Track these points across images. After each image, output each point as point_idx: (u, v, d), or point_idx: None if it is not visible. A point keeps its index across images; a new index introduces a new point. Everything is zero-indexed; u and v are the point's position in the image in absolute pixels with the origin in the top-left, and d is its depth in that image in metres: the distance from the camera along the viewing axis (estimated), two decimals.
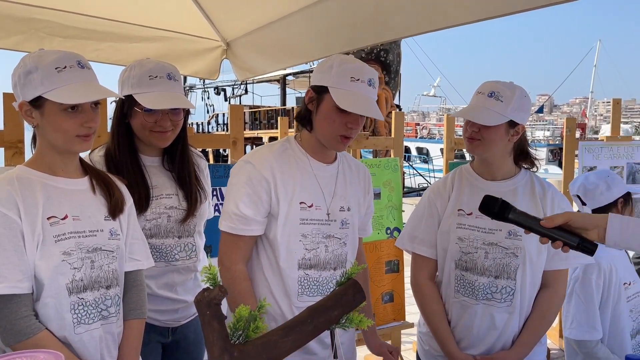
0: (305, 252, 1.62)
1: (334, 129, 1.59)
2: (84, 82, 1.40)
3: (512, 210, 1.45)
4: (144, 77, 1.76)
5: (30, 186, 1.40)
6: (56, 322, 1.39)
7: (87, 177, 1.52)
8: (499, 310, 1.73)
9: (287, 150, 1.67)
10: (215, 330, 0.85)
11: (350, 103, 1.52)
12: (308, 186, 1.64)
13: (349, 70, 1.55)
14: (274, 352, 0.89)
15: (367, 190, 1.83)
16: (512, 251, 1.71)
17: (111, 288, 1.49)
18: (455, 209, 1.80)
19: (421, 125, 39.08)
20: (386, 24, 2.38)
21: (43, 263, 1.36)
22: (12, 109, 2.22)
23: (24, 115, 1.43)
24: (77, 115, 1.40)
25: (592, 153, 4.10)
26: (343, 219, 1.69)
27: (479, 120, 1.68)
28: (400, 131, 3.68)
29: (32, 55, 1.41)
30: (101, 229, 1.48)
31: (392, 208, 3.53)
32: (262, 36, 3.20)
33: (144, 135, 1.80)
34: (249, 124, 23.46)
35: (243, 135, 2.93)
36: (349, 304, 0.99)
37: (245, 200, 1.59)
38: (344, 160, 1.77)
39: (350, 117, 1.57)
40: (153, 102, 1.73)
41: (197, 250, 1.94)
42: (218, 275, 0.90)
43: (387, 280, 3.52)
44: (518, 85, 1.74)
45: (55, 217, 1.40)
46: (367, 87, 1.57)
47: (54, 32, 2.97)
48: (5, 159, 2.23)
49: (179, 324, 1.93)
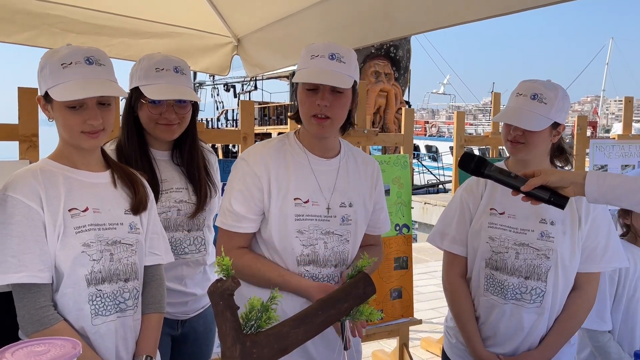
0: (302, 248, 1.60)
1: (306, 110, 1.57)
2: (85, 79, 1.38)
3: (488, 166, 1.54)
4: (150, 69, 1.79)
5: (52, 178, 1.42)
6: (74, 312, 1.41)
7: (108, 171, 1.54)
8: (528, 311, 1.72)
9: (284, 146, 1.66)
10: (228, 321, 0.87)
11: (310, 76, 1.52)
12: (304, 181, 1.62)
13: (309, 50, 1.56)
14: (285, 343, 0.91)
15: (375, 185, 1.77)
16: (543, 253, 1.70)
17: (129, 281, 1.50)
18: (488, 208, 1.79)
19: (430, 123, 38.93)
20: (395, 20, 2.38)
21: (63, 254, 1.38)
22: (26, 103, 2.26)
23: (43, 109, 1.46)
24: (80, 113, 1.40)
25: (604, 151, 4.08)
26: (344, 215, 1.65)
27: (526, 125, 1.65)
28: (410, 128, 3.67)
29: (50, 51, 1.44)
30: (121, 222, 1.50)
31: (402, 205, 3.53)
32: (272, 32, 3.21)
33: (150, 127, 1.82)
34: (258, 120, 23.50)
35: (254, 131, 2.94)
36: (359, 296, 1.00)
37: (238, 197, 1.59)
38: (349, 155, 1.73)
39: (318, 95, 1.54)
40: (156, 93, 1.75)
41: (206, 244, 1.96)
42: (231, 266, 0.91)
43: (396, 277, 3.52)
44: (558, 84, 1.71)
45: (76, 209, 1.42)
46: (327, 61, 1.54)
47: (67, 28, 3.00)
48: (20, 153, 2.26)
49: (188, 316, 1.95)
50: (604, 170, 4.04)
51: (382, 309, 3.47)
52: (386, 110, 15.13)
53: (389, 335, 3.65)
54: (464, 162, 1.58)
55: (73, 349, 0.78)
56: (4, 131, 2.26)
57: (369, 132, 3.44)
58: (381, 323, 3.47)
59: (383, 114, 15.23)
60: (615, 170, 4.07)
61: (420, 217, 13.46)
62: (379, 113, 15.19)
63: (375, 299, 3.33)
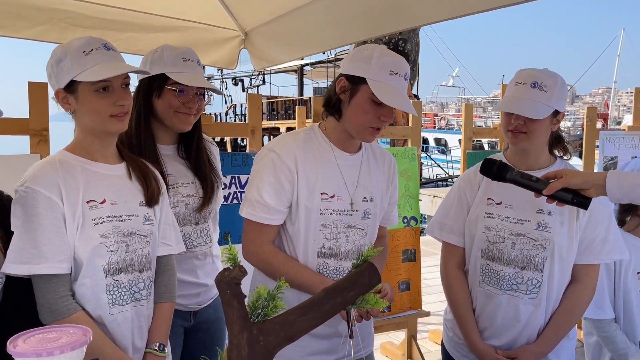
0: (325, 241, 1.62)
1: (367, 121, 1.57)
2: (111, 61, 1.44)
3: (510, 170, 1.57)
4: (178, 58, 1.80)
5: (71, 170, 1.45)
6: (93, 302, 1.44)
7: (124, 164, 1.57)
8: (524, 302, 1.70)
9: (311, 139, 1.66)
10: (235, 309, 0.89)
11: (390, 97, 1.51)
12: (330, 176, 1.63)
13: (389, 64, 1.53)
14: (291, 330, 0.92)
15: (392, 179, 1.80)
16: (540, 243, 1.68)
17: (144, 271, 1.53)
18: (485, 197, 1.78)
19: (439, 116, 38.76)
20: (403, 12, 2.37)
21: (82, 245, 1.41)
22: (37, 98, 2.28)
23: (61, 103, 1.47)
24: (109, 95, 1.44)
25: (613, 143, 4.04)
26: (365, 210, 1.68)
27: (528, 113, 1.63)
28: (418, 120, 3.67)
29: (61, 46, 1.47)
30: (136, 214, 1.52)
31: (409, 197, 3.53)
32: (280, 26, 3.21)
33: (168, 116, 1.82)
34: (267, 115, 23.55)
35: (261, 125, 2.95)
36: (364, 285, 1.01)
37: (268, 189, 1.59)
38: (368, 149, 1.75)
39: (385, 110, 1.56)
40: (191, 80, 1.78)
41: (211, 235, 1.98)
42: (238, 255, 0.93)
43: (404, 269, 3.53)
44: (556, 72, 1.70)
45: (94, 201, 1.45)
46: (403, 82, 1.56)
47: (76, 23, 3.02)
48: (31, 147, 2.29)
49: (200, 307, 1.98)
50: (614, 162, 4.01)
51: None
52: None
53: (397, 327, 3.67)
54: (485, 168, 1.61)
55: (84, 336, 0.79)
56: (15, 125, 2.29)
57: None
58: (389, 315, 3.48)
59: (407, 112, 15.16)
60: (625, 162, 4.04)
61: (430, 211, 13.41)
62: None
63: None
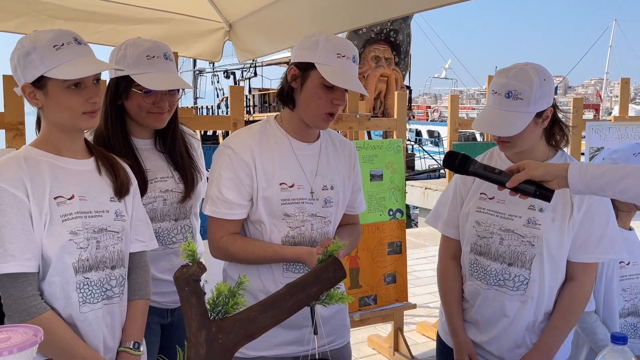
0: (289, 229, 1.63)
1: (320, 106, 1.57)
2: (83, 57, 1.40)
3: (473, 163, 1.52)
4: (141, 57, 1.74)
5: (37, 166, 1.41)
6: (62, 300, 1.41)
7: (92, 158, 1.53)
8: (511, 298, 1.68)
9: (266, 131, 1.67)
10: (193, 306, 0.87)
11: (340, 78, 1.51)
12: (289, 166, 1.63)
13: (335, 46, 1.53)
14: (252, 328, 0.91)
15: (353, 167, 1.81)
16: (528, 240, 1.65)
17: (116, 268, 1.50)
18: (478, 191, 1.76)
19: (432, 108, 38.75)
20: (388, 0, 2.34)
21: (50, 242, 1.37)
22: (12, 91, 2.23)
23: (28, 97, 1.42)
24: (81, 92, 1.40)
25: (600, 134, 4.03)
26: (326, 198, 1.68)
27: (503, 132, 1.58)
28: (403, 112, 3.65)
29: (28, 37, 1.40)
30: (107, 209, 1.49)
31: (395, 190, 3.52)
32: (264, 17, 3.18)
33: (140, 117, 1.79)
34: (259, 107, 23.45)
35: (244, 117, 2.92)
36: (329, 280, 1.00)
37: (228, 184, 1.59)
38: (327, 138, 1.76)
39: (337, 94, 1.56)
40: (154, 83, 1.72)
41: (193, 232, 1.95)
42: (197, 252, 0.91)
43: (390, 262, 3.53)
44: (533, 69, 1.58)
45: (62, 197, 1.41)
46: (351, 64, 1.55)
47: (55, 15, 2.98)
48: (6, 141, 2.25)
49: (177, 305, 1.95)
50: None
51: (376, 293, 3.48)
52: (387, 95, 15.06)
53: (384, 320, 3.67)
54: (447, 160, 1.56)
55: (34, 335, 0.78)
56: None
57: (361, 116, 3.42)
58: (376, 308, 3.48)
59: (383, 99, 15.17)
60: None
61: (421, 202, 13.44)
62: (379, 98, 15.14)
63: (368, 283, 3.39)
